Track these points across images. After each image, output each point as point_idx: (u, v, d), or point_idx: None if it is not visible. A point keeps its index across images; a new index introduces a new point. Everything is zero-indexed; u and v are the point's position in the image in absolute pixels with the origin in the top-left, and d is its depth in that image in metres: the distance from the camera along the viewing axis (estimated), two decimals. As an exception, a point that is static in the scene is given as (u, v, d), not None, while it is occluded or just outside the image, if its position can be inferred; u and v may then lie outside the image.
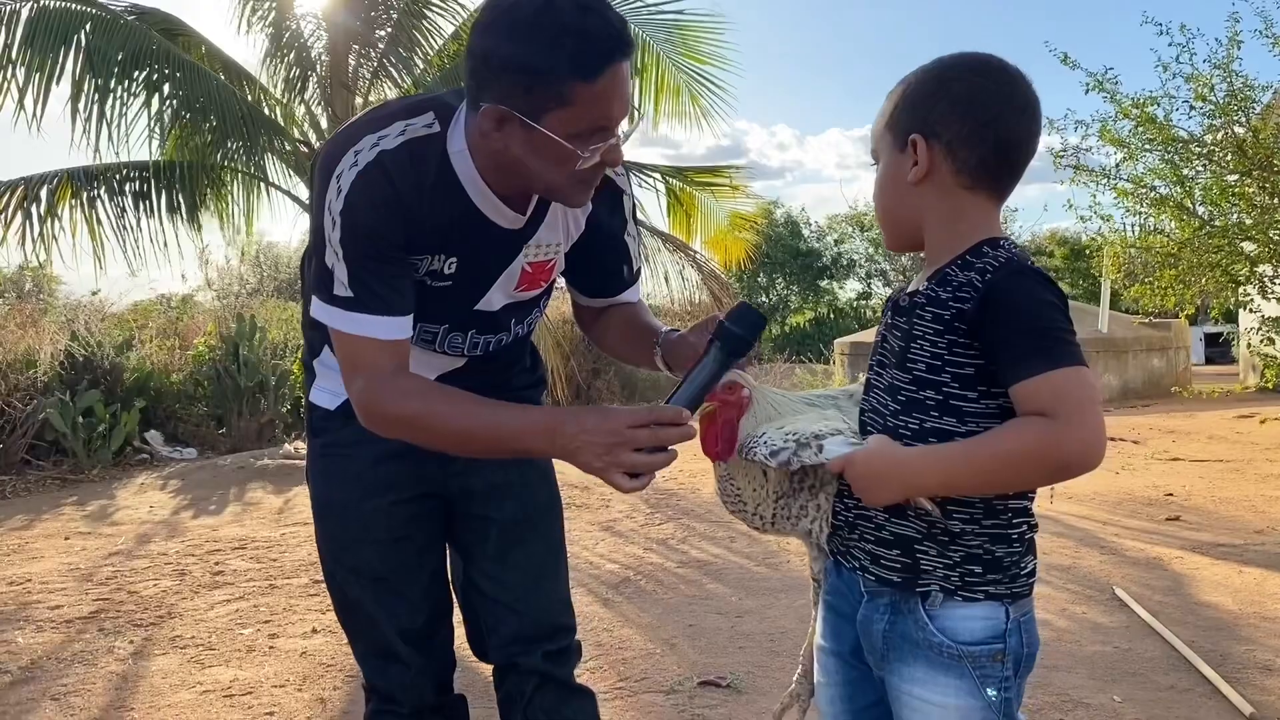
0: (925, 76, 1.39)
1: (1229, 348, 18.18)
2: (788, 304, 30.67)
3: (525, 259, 1.68)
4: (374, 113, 1.59)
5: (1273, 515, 5.35)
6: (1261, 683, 3.07)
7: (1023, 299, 1.26)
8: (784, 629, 3.75)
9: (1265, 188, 7.30)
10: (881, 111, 1.43)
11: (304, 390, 1.88)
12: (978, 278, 1.29)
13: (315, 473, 1.85)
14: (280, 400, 10.64)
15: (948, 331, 1.31)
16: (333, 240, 1.51)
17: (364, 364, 1.54)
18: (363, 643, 1.86)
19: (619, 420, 1.39)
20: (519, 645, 1.80)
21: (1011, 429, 1.24)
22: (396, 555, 1.79)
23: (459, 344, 1.72)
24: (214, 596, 4.50)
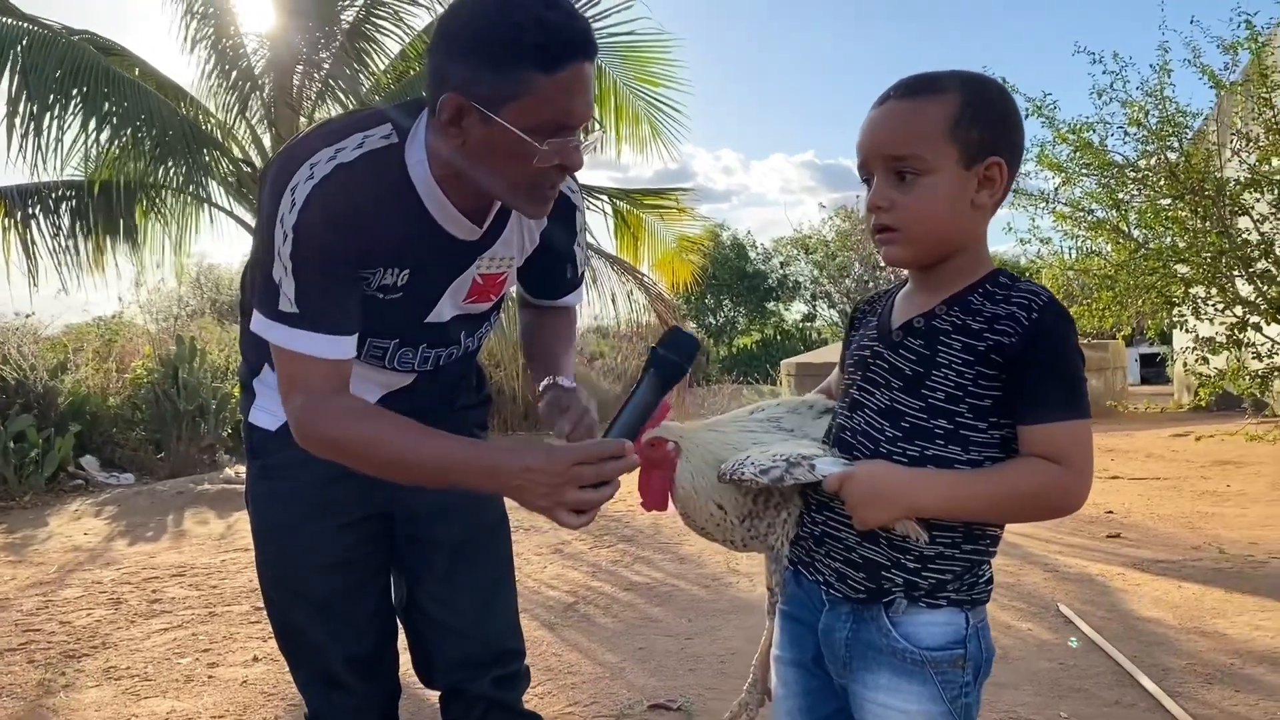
0: (986, 94, 1.35)
1: (1164, 368, 18.61)
2: (735, 325, 30.83)
3: (478, 270, 1.65)
4: (329, 125, 1.55)
5: (1209, 531, 5.46)
6: (1203, 696, 3.12)
7: (1066, 344, 1.29)
8: (734, 650, 3.74)
9: (1197, 212, 7.49)
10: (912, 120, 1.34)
11: (242, 411, 1.82)
12: (1022, 314, 1.29)
13: (256, 496, 1.79)
14: (221, 424, 10.44)
15: (979, 363, 1.31)
16: (283, 254, 1.45)
17: (304, 383, 1.49)
18: (305, 671, 1.81)
19: (563, 459, 1.36)
20: (466, 671, 1.77)
21: (1027, 469, 1.28)
22: (341, 580, 1.74)
23: (409, 359, 1.68)
24: (151, 625, 4.37)
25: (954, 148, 1.32)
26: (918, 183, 1.32)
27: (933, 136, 1.32)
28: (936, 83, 1.34)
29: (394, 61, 9.12)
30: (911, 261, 1.39)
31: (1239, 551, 4.96)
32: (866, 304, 1.55)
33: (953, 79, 1.35)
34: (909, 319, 1.39)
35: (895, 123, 1.34)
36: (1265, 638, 3.65)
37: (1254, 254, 7.35)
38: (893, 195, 1.34)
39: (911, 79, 1.36)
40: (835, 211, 29.64)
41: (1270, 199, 7.29)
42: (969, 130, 1.32)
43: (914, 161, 1.32)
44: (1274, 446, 8.18)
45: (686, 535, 6.01)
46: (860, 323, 1.53)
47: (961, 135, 1.32)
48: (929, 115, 1.32)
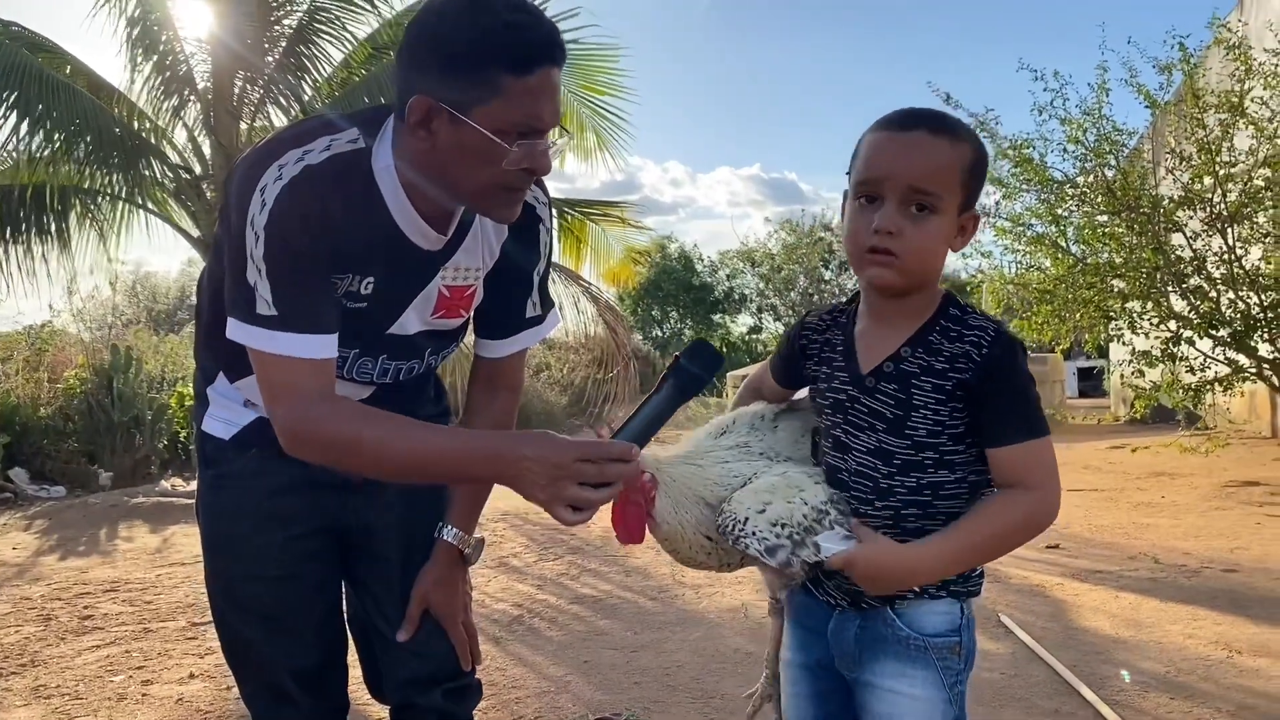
0: (983, 151, 1.43)
1: (1101, 381, 19.00)
2: (681, 337, 30.96)
3: (442, 281, 1.62)
4: (296, 128, 1.53)
5: (1145, 541, 5.57)
6: (1139, 704, 3.16)
7: (1017, 374, 1.39)
8: (680, 663, 3.72)
9: (1133, 228, 7.65)
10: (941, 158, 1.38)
11: (195, 419, 1.78)
12: (974, 351, 1.39)
13: (207, 505, 1.75)
14: (157, 436, 10.23)
15: (949, 400, 1.40)
16: (255, 256, 1.43)
17: (290, 386, 1.45)
18: (252, 683, 1.77)
19: (566, 452, 1.34)
20: (418, 686, 1.74)
21: (1000, 509, 1.39)
22: (290, 592, 1.71)
23: (368, 370, 1.65)
24: (82, 642, 4.25)
25: (960, 194, 1.39)
26: (928, 219, 1.38)
27: (952, 179, 1.38)
28: (958, 127, 1.41)
29: (337, 69, 9.02)
30: (897, 289, 1.44)
31: (1173, 561, 5.06)
32: (814, 328, 1.57)
33: (965, 127, 1.42)
34: (878, 364, 1.45)
35: (926, 157, 1.38)
36: (1199, 645, 3.73)
37: (1187, 270, 7.54)
38: (903, 224, 1.38)
39: (934, 115, 1.41)
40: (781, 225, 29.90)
41: (1202, 216, 7.48)
42: (971, 180, 1.40)
43: (933, 199, 1.38)
44: (1206, 458, 8.38)
45: (633, 549, 5.98)
46: (812, 350, 1.56)
47: (968, 183, 1.40)
48: (953, 157, 1.38)
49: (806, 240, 28.35)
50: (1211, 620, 4.04)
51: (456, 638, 1.76)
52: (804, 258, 28.10)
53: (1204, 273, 7.48)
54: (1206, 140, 7.23)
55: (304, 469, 1.60)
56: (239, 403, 1.70)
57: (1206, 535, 5.68)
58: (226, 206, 1.51)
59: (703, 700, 3.33)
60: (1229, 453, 8.78)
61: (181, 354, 13.66)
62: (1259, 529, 5.80)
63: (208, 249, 9.12)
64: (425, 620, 1.74)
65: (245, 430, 1.69)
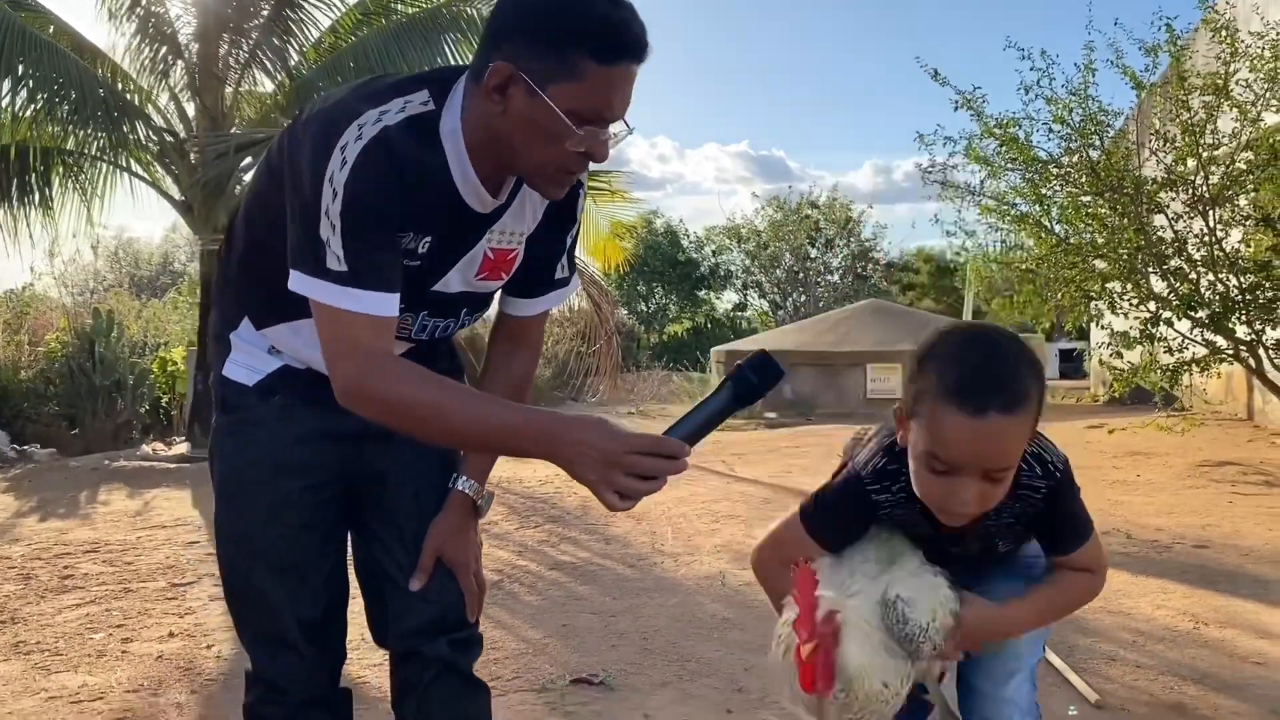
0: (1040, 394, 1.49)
1: (1081, 363, 19.14)
2: (666, 313, 30.92)
3: (489, 244, 1.66)
4: (368, 86, 1.56)
5: (1118, 517, 5.64)
6: (1106, 672, 3.23)
7: (1070, 499, 1.63)
8: (657, 628, 3.77)
9: (1116, 209, 7.68)
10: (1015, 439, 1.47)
11: (214, 364, 1.78)
12: (1041, 485, 1.58)
13: (225, 450, 1.76)
14: (139, 400, 10.20)
15: (1019, 523, 1.64)
16: (331, 212, 1.46)
17: (356, 341, 1.48)
18: (253, 629, 1.79)
19: (622, 443, 1.40)
20: (422, 634, 1.75)
21: (1072, 584, 1.67)
22: (302, 542, 1.72)
23: (407, 326, 1.67)
24: (62, 601, 4.27)
25: (1029, 436, 1.50)
26: (1005, 475, 1.48)
27: (1024, 444, 1.49)
28: (1026, 392, 1.45)
29: (324, 34, 8.96)
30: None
31: (1145, 537, 5.14)
32: (885, 505, 1.64)
33: (1031, 378, 1.46)
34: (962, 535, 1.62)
35: (1003, 442, 1.45)
36: (1166, 616, 3.80)
37: (1168, 251, 7.57)
38: (984, 490, 1.48)
39: (1004, 387, 1.43)
40: (768, 202, 29.86)
41: (1184, 198, 7.52)
42: (1039, 412, 1.48)
43: (1010, 467, 1.49)
44: (1181, 438, 8.47)
45: (614, 517, 6.03)
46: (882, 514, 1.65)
47: (1036, 423, 1.50)
48: (1024, 429, 1.46)
49: (793, 217, 28.32)
50: (1181, 593, 4.11)
51: (467, 587, 1.78)
52: (790, 235, 28.09)
53: (1184, 254, 7.52)
54: (1190, 122, 7.25)
55: (325, 419, 1.64)
56: (263, 350, 1.71)
57: (1179, 512, 5.77)
58: (292, 163, 1.53)
59: (679, 664, 3.38)
60: (1204, 433, 8.87)
61: (164, 319, 13.62)
62: (1231, 507, 5.88)
63: (190, 212, 9.08)
64: (436, 570, 1.76)
65: (269, 377, 1.70)
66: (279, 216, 1.56)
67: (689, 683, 3.20)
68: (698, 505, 6.24)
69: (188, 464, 8.40)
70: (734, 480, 7.38)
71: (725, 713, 2.95)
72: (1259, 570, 4.46)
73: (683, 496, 6.60)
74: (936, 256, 28.06)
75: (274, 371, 1.71)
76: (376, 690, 3.01)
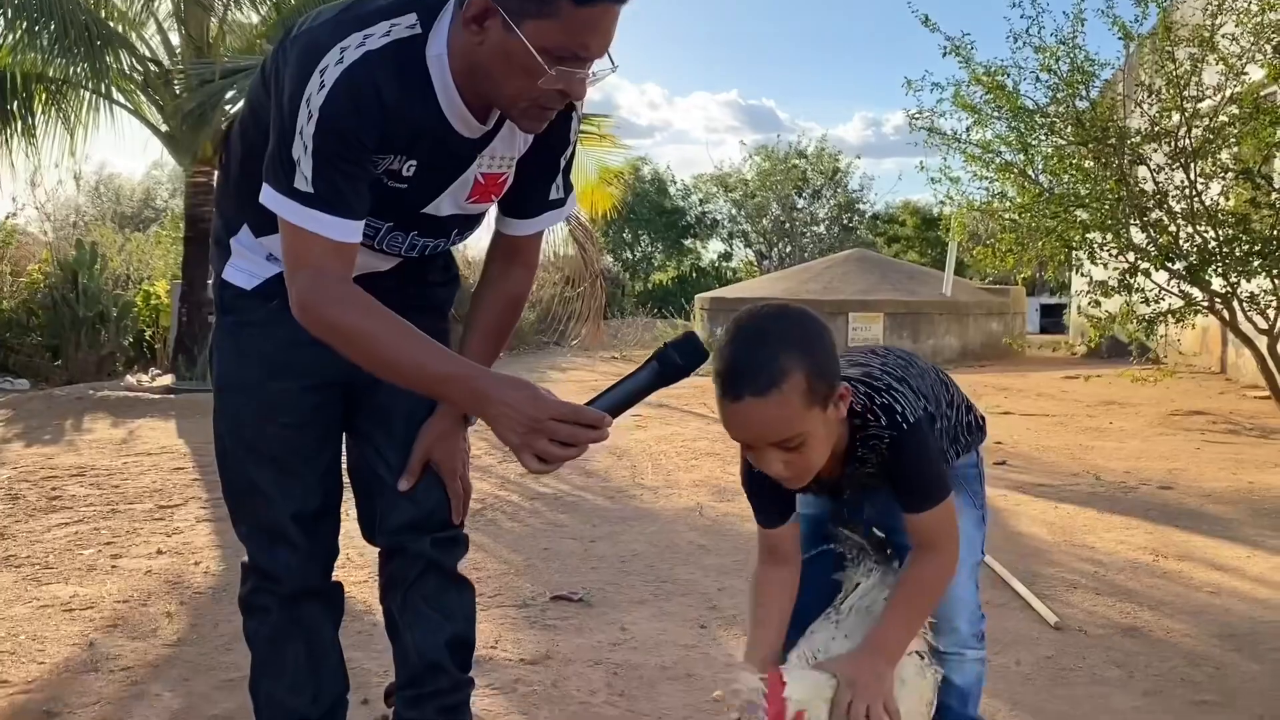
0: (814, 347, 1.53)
1: (1061, 317, 19.28)
2: (651, 261, 30.90)
3: (479, 169, 1.69)
4: (358, 7, 1.57)
5: (1088, 461, 5.77)
6: (1066, 598, 3.35)
7: (918, 454, 1.66)
8: (635, 552, 3.88)
9: (1099, 160, 7.75)
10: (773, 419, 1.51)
11: (215, 267, 1.85)
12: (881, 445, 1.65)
13: (223, 350, 1.83)
14: (122, 332, 10.20)
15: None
16: (305, 133, 1.50)
17: (311, 261, 1.53)
18: (250, 522, 1.86)
19: (545, 409, 1.44)
20: (409, 532, 1.83)
21: (922, 578, 1.67)
22: (298, 439, 1.79)
23: (398, 244, 1.73)
24: (50, 520, 4.34)
25: (814, 408, 1.52)
26: (802, 446, 1.55)
27: (799, 415, 1.51)
28: (780, 371, 1.48)
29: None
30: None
31: (1113, 479, 5.27)
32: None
33: (784, 351, 1.49)
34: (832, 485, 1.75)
35: (767, 419, 1.51)
36: (1128, 550, 3.93)
37: (1149, 203, 7.65)
38: (786, 459, 1.56)
39: (759, 373, 1.49)
40: (756, 151, 29.73)
41: (1167, 151, 7.58)
42: (815, 392, 1.51)
43: (796, 437, 1.53)
44: (1155, 388, 8.62)
45: (596, 452, 6.11)
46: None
47: (814, 396, 1.51)
48: (789, 402, 1.49)
49: (781, 167, 28.23)
50: (1143, 530, 4.24)
51: (453, 491, 1.85)
52: (778, 185, 28.03)
53: (1165, 206, 7.60)
54: (1175, 75, 7.30)
55: None
56: (262, 256, 1.77)
57: (1147, 458, 5.90)
58: (278, 76, 1.56)
59: (655, 584, 3.49)
60: (1178, 384, 9.03)
61: (147, 253, 13.55)
62: (1197, 453, 6.03)
63: (175, 144, 9.03)
64: (424, 472, 1.83)
65: (268, 282, 1.75)
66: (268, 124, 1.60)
67: (665, 601, 3.31)
68: (678, 444, 6.35)
69: (172, 395, 8.44)
70: (715, 421, 7.45)
71: (699, 628, 3.06)
72: (1219, 510, 4.60)
73: (664, 435, 6.70)
74: (922, 210, 28.07)
75: (272, 277, 1.76)
76: (360, 604, 3.10)
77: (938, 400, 1.76)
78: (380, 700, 2.40)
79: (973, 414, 1.88)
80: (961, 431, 1.84)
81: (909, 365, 1.75)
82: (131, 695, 2.54)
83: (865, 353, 1.78)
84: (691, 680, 2.66)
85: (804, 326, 1.54)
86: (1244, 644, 2.95)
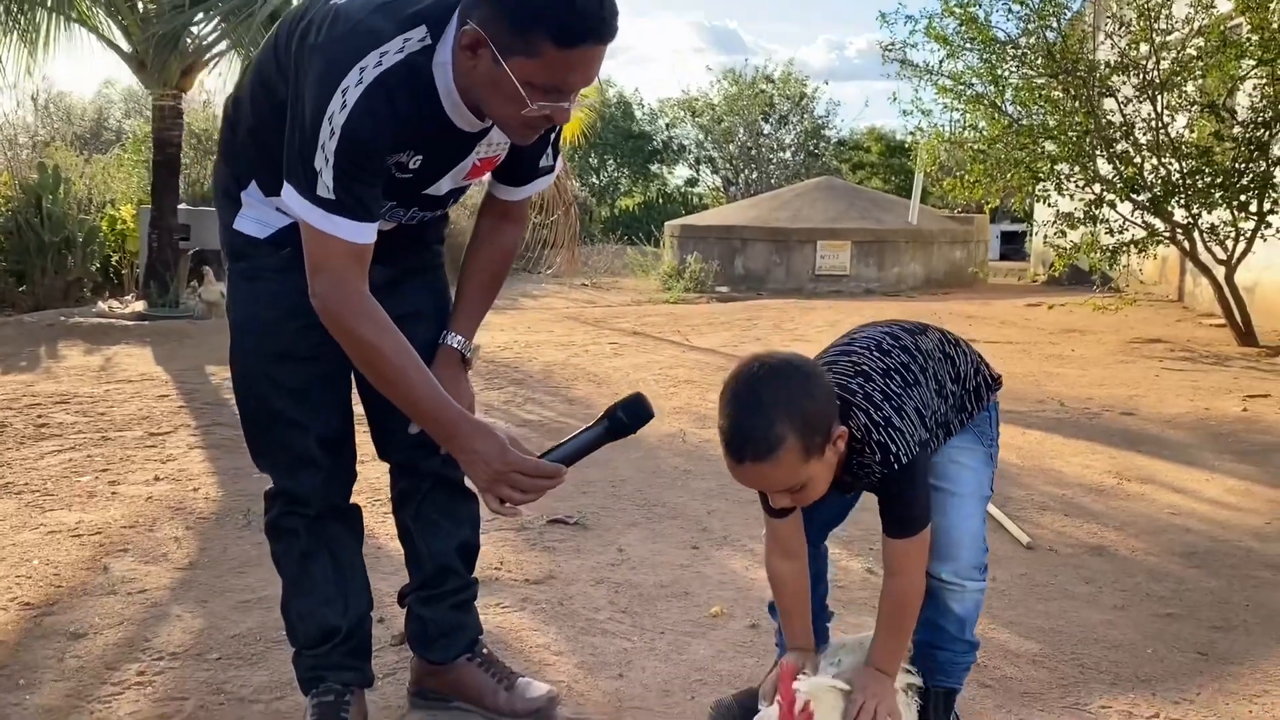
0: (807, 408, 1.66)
1: (1023, 245, 19.52)
2: (617, 187, 30.65)
3: (477, 155, 1.83)
4: (373, 21, 1.63)
5: (1053, 388, 5.97)
6: (1037, 519, 3.54)
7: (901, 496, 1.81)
8: (624, 477, 4.01)
9: (1069, 92, 7.84)
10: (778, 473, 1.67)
11: (224, 218, 1.94)
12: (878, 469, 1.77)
13: (239, 293, 1.94)
14: (89, 258, 10.07)
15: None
16: (327, 148, 1.61)
17: (333, 265, 1.67)
18: (273, 452, 1.97)
19: (509, 463, 1.67)
20: (419, 450, 1.96)
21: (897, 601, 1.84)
22: (316, 371, 1.90)
23: (399, 215, 1.87)
24: (42, 447, 4.38)
25: (811, 459, 1.67)
26: (803, 488, 1.72)
27: (797, 469, 1.67)
28: (776, 438, 1.63)
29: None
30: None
31: (1077, 405, 5.47)
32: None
33: (784, 425, 1.63)
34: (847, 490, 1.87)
35: (769, 478, 1.69)
36: (1093, 474, 4.12)
37: (1115, 135, 7.77)
38: (790, 496, 1.74)
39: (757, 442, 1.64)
40: (723, 74, 29.43)
41: (1135, 83, 7.68)
42: (811, 445, 1.66)
43: (797, 484, 1.71)
44: (1115, 316, 8.84)
45: (576, 379, 6.24)
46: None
47: (810, 448, 1.66)
48: (787, 461, 1.65)
49: (748, 92, 27.97)
50: (1107, 454, 4.44)
51: None
52: (745, 110, 27.82)
53: (1131, 138, 7.72)
54: (1146, 6, 7.37)
55: None
56: (272, 208, 1.87)
57: (1110, 384, 6.11)
58: (300, 84, 1.65)
59: (647, 508, 3.62)
60: (1137, 312, 9.26)
61: (109, 176, 13.30)
62: (1157, 380, 6.25)
63: (140, 65, 8.83)
64: None
65: (280, 232, 1.86)
66: (284, 105, 1.70)
67: (657, 524, 3.45)
68: (656, 371, 6.47)
69: (145, 321, 8.41)
70: (689, 349, 7.61)
71: (692, 549, 3.20)
72: (1179, 435, 4.81)
73: (640, 363, 6.82)
74: (887, 136, 28.04)
75: (285, 227, 1.87)
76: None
77: (941, 385, 1.86)
78: (395, 621, 2.52)
79: (982, 375, 1.96)
80: (969, 398, 1.93)
81: (911, 374, 1.83)
82: (153, 617, 2.65)
83: (870, 352, 1.85)
84: (689, 598, 2.81)
85: (791, 388, 1.67)
86: (1203, 561, 3.15)
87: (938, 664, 1.97)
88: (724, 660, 2.42)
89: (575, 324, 9.17)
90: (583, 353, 7.29)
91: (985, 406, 1.97)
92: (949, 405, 1.88)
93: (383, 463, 2.12)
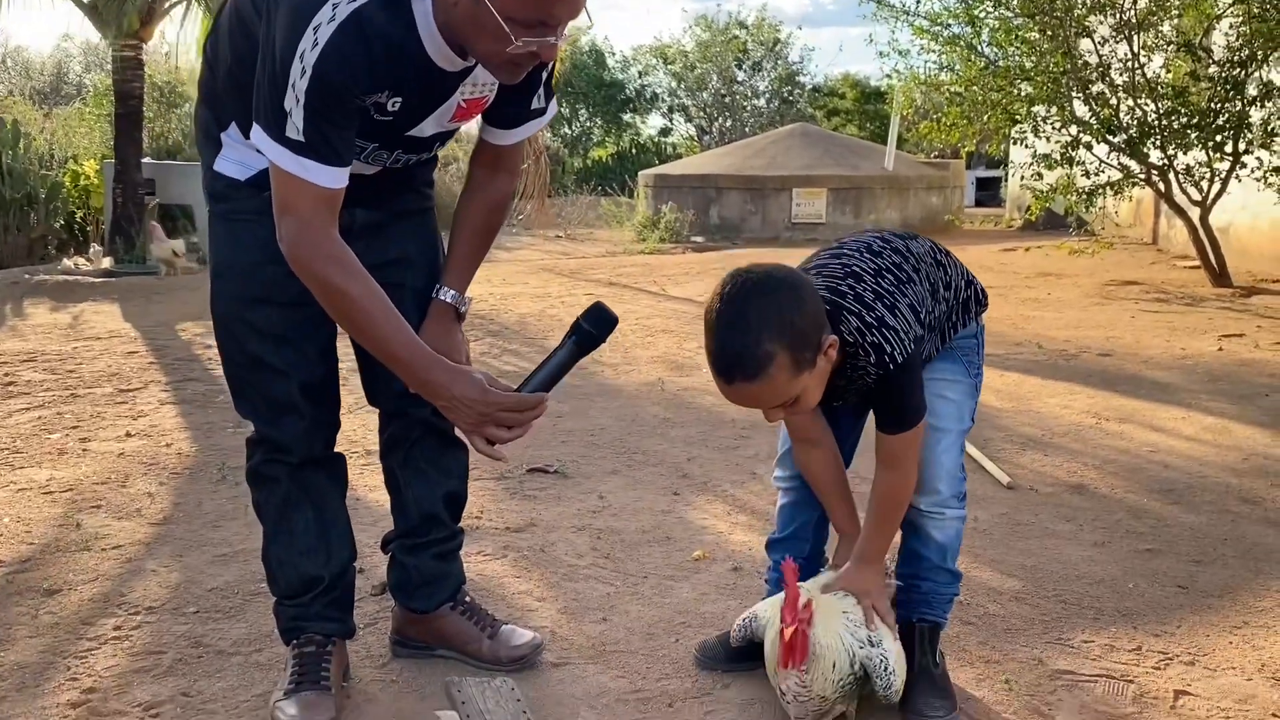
0: (795, 323, 1.63)
1: (998, 190, 19.52)
2: (590, 136, 30.35)
3: (461, 96, 1.75)
4: None
5: (1029, 331, 5.98)
6: (1017, 459, 3.54)
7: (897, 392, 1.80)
8: (602, 426, 3.98)
9: (1045, 32, 7.78)
10: (769, 391, 1.65)
11: (205, 160, 1.88)
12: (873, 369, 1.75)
13: (218, 236, 1.89)
14: (53, 215, 9.87)
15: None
16: (297, 87, 1.55)
17: (300, 208, 1.62)
18: (255, 399, 1.93)
19: (492, 401, 1.65)
20: (409, 398, 1.90)
21: (886, 496, 1.85)
22: (298, 315, 1.84)
23: (383, 159, 1.81)
24: (10, 405, 4.30)
25: (801, 373, 1.65)
26: (795, 403, 1.71)
27: (787, 384, 1.65)
28: (765, 356, 1.61)
29: None
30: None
31: (1055, 348, 5.48)
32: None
33: (772, 342, 1.61)
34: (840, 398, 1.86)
35: (760, 397, 1.67)
36: (1071, 415, 4.13)
37: (1092, 76, 7.73)
38: (784, 410, 1.73)
39: (747, 362, 1.62)
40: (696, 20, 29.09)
41: (1111, 23, 7.62)
42: (799, 359, 1.64)
43: (789, 400, 1.69)
44: (1091, 260, 8.87)
45: (552, 329, 6.19)
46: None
47: (800, 362, 1.64)
48: (776, 379, 1.63)
49: (721, 38, 27.68)
50: (1085, 395, 4.45)
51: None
52: (718, 57, 27.53)
53: (1107, 79, 7.69)
54: (1124, -56, 7.31)
55: None
56: (253, 150, 1.78)
57: (1086, 326, 6.13)
58: (271, 22, 1.58)
59: (626, 455, 3.60)
60: (1113, 256, 9.29)
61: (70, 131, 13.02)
62: (1133, 322, 6.27)
63: (96, 14, 8.60)
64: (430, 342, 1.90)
65: (261, 174, 1.78)
66: (258, 44, 1.63)
67: (637, 470, 3.43)
68: (633, 321, 6.42)
69: (112, 278, 8.27)
70: (665, 299, 7.57)
71: (673, 495, 3.19)
72: (1155, 375, 4.83)
73: (617, 314, 6.76)
74: (862, 83, 27.86)
75: (265, 169, 1.77)
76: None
77: (935, 287, 1.83)
78: (375, 571, 2.49)
79: (973, 288, 1.95)
80: (957, 310, 1.91)
81: (904, 272, 1.79)
82: (129, 572, 2.61)
83: (860, 253, 1.82)
84: (671, 543, 2.79)
85: (780, 301, 1.64)
86: (1181, 497, 3.17)
87: (922, 596, 1.97)
88: (707, 602, 2.41)
89: (550, 275, 9.10)
90: (558, 304, 7.23)
91: (974, 319, 1.96)
92: (941, 310, 1.86)
93: (362, 415, 2.09)
